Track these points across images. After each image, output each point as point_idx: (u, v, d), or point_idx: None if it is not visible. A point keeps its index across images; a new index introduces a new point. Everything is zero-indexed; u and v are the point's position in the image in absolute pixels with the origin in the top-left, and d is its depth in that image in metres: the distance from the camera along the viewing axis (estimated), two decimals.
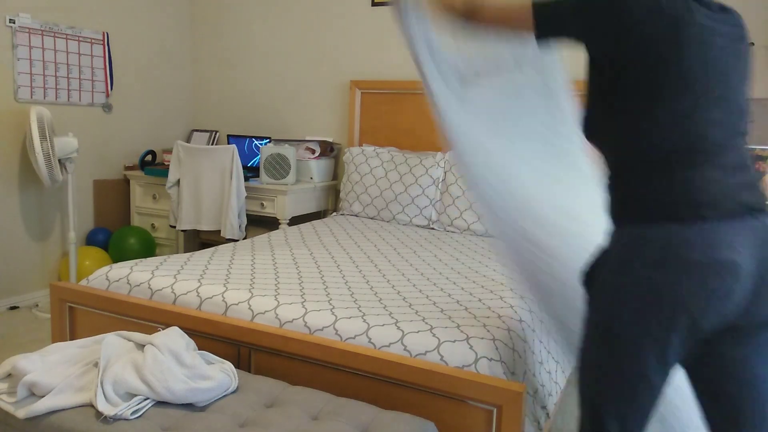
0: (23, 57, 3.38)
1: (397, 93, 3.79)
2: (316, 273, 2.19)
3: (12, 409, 1.39)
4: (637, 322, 1.12)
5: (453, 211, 3.24)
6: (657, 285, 1.09)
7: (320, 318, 1.73)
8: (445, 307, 1.85)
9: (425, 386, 1.49)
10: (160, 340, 1.49)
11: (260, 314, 1.79)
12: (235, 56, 4.42)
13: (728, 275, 1.08)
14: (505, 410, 1.41)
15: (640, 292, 1.11)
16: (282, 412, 1.40)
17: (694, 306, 1.08)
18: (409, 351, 1.58)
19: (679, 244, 1.08)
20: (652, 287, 1.09)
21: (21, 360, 1.46)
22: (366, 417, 1.39)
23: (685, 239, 1.08)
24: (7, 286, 3.44)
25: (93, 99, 3.82)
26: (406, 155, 3.52)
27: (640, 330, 1.12)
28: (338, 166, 4.09)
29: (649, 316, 1.10)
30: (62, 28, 3.58)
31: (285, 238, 2.82)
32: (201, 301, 1.89)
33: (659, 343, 1.11)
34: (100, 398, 1.36)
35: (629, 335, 1.13)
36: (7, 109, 3.34)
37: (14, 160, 3.41)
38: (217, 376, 1.46)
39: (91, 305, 1.97)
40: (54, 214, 3.66)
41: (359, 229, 3.14)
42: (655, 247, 1.10)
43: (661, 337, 1.11)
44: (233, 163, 3.44)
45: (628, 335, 1.13)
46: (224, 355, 1.77)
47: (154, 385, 1.39)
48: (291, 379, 1.68)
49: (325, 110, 4.13)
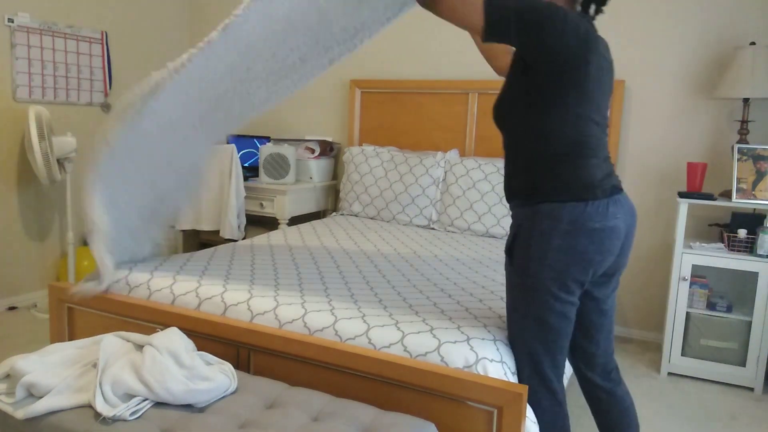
0: (22, 56, 3.37)
1: (397, 93, 3.79)
2: (315, 273, 2.18)
3: (11, 410, 1.38)
4: (557, 278, 1.48)
5: (453, 211, 3.23)
6: (571, 248, 1.46)
7: (320, 319, 1.72)
8: (446, 308, 1.84)
9: (425, 387, 1.49)
10: (159, 340, 1.49)
11: (260, 315, 1.78)
12: None
13: (615, 237, 1.49)
14: (505, 411, 1.40)
15: (558, 255, 1.46)
16: (281, 413, 1.39)
17: (596, 261, 1.48)
18: (410, 352, 1.58)
19: (583, 218, 1.46)
20: (568, 250, 1.46)
21: (19, 360, 1.45)
22: (366, 418, 1.39)
23: (587, 213, 1.46)
24: (6, 287, 3.44)
25: (91, 98, 3.81)
26: (406, 155, 3.51)
27: (560, 283, 1.48)
28: (338, 166, 4.08)
29: (566, 271, 1.47)
30: (61, 28, 3.57)
31: (284, 238, 2.81)
32: (200, 301, 1.88)
33: (574, 290, 1.50)
34: (98, 399, 1.35)
35: (552, 289, 1.48)
36: (6, 108, 3.34)
37: (12, 160, 3.40)
38: (217, 377, 1.46)
39: (89, 306, 1.96)
40: (52, 214, 3.65)
41: (359, 229, 3.14)
42: (567, 221, 1.46)
43: (574, 286, 1.50)
44: (232, 163, 3.43)
45: (551, 289, 1.48)
46: (223, 355, 1.76)
47: (152, 386, 1.38)
48: (291, 380, 1.68)
49: (325, 110, 4.12)
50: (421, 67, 3.80)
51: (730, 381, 2.79)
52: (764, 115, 3.02)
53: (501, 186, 3.14)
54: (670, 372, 2.91)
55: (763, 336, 2.70)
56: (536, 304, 1.51)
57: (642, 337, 3.37)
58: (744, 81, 2.78)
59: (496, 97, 1.61)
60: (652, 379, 2.85)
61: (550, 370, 1.56)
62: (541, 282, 1.49)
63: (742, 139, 2.90)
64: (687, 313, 2.85)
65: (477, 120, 3.58)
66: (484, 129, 3.57)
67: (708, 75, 3.11)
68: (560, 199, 1.47)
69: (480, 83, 3.54)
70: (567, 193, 1.47)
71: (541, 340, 1.54)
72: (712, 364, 2.81)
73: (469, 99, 3.58)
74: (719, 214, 3.17)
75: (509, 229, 1.60)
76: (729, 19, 3.04)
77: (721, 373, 2.81)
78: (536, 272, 1.49)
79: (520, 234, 1.52)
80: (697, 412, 2.53)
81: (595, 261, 1.48)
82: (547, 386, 1.56)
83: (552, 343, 1.54)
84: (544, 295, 1.49)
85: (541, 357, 1.55)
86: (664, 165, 3.23)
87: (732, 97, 2.89)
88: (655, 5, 3.18)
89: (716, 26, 3.07)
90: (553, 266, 1.47)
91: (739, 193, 2.75)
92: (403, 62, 3.84)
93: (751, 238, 2.76)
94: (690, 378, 2.88)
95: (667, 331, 2.87)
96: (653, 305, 3.34)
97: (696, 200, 2.79)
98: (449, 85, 3.62)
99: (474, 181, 3.22)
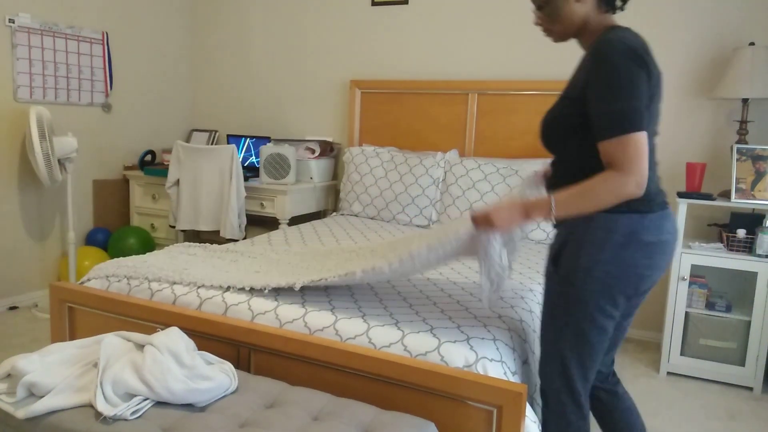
0: (23, 57, 3.38)
1: (397, 93, 3.79)
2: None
3: (11, 410, 1.38)
4: (603, 291, 1.44)
5: (453, 211, 3.24)
6: (622, 261, 1.42)
7: (320, 318, 1.73)
8: (446, 308, 1.85)
9: (425, 387, 1.49)
10: (160, 340, 1.49)
11: (260, 314, 1.79)
12: (235, 56, 4.41)
13: (666, 252, 1.47)
14: (505, 410, 1.41)
15: (608, 268, 1.42)
16: (282, 412, 1.39)
17: (645, 276, 1.45)
18: (410, 351, 1.58)
19: (639, 230, 1.42)
20: (619, 263, 1.42)
21: (20, 360, 1.46)
22: (366, 417, 1.39)
23: (642, 226, 1.43)
24: (7, 286, 3.44)
25: (92, 99, 3.81)
26: (406, 155, 3.51)
27: (606, 297, 1.44)
28: (338, 166, 4.08)
29: (614, 285, 1.43)
30: (62, 28, 3.58)
31: (285, 238, 2.81)
32: (201, 301, 1.88)
33: (619, 304, 1.46)
34: (99, 398, 1.35)
35: (597, 302, 1.45)
36: (7, 109, 3.34)
37: (14, 161, 3.40)
38: (217, 377, 1.46)
39: (90, 305, 1.97)
40: (53, 214, 3.66)
41: (359, 229, 3.14)
42: (622, 232, 1.42)
43: (621, 300, 1.46)
44: (233, 163, 3.44)
45: (597, 302, 1.45)
46: (224, 355, 1.76)
47: (153, 386, 1.39)
48: (291, 379, 1.68)
49: (325, 110, 4.13)
50: (421, 67, 3.80)
51: (730, 380, 2.80)
52: (763, 116, 3.03)
53: (500, 186, 3.15)
54: (670, 372, 2.91)
55: (762, 336, 2.70)
56: (577, 315, 1.47)
57: (641, 337, 3.38)
58: (743, 81, 2.78)
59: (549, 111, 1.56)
60: (652, 378, 2.86)
61: (580, 384, 1.53)
62: (586, 294, 1.45)
63: (741, 140, 2.91)
64: (686, 312, 2.85)
65: (477, 120, 3.58)
66: (484, 129, 3.57)
67: (707, 75, 3.12)
68: (617, 209, 1.42)
69: (480, 83, 3.54)
70: (624, 204, 1.41)
71: (577, 353, 1.50)
72: (712, 364, 2.82)
73: (468, 99, 3.58)
74: (718, 214, 3.17)
75: (555, 237, 1.56)
76: (728, 19, 3.04)
77: (720, 373, 2.81)
78: (583, 283, 1.45)
79: (570, 242, 1.48)
80: (696, 411, 2.54)
81: (645, 276, 1.44)
82: (575, 400, 1.53)
83: (587, 356, 1.50)
84: (587, 308, 1.46)
85: (573, 370, 1.51)
86: (663, 165, 3.24)
87: (731, 98, 2.90)
88: (654, 6, 3.18)
89: (715, 27, 3.07)
90: (601, 279, 1.43)
91: (738, 193, 2.76)
92: (403, 62, 3.85)
93: (750, 238, 2.77)
94: (689, 378, 2.89)
95: (666, 331, 2.87)
96: (652, 305, 3.34)
97: (695, 200, 2.79)
98: (449, 85, 3.63)
99: (474, 181, 3.22)
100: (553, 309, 1.53)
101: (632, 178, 1.35)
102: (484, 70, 3.63)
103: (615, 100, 1.36)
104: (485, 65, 3.62)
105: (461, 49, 3.68)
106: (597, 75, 1.39)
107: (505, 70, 3.58)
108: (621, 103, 1.35)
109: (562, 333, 1.51)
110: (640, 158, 1.35)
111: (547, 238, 3.01)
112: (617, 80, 1.35)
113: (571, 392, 1.53)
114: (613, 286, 1.43)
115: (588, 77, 1.42)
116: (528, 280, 2.25)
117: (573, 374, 1.52)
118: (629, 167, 1.35)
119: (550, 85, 3.37)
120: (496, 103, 3.52)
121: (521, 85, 3.44)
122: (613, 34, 1.41)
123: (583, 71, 1.45)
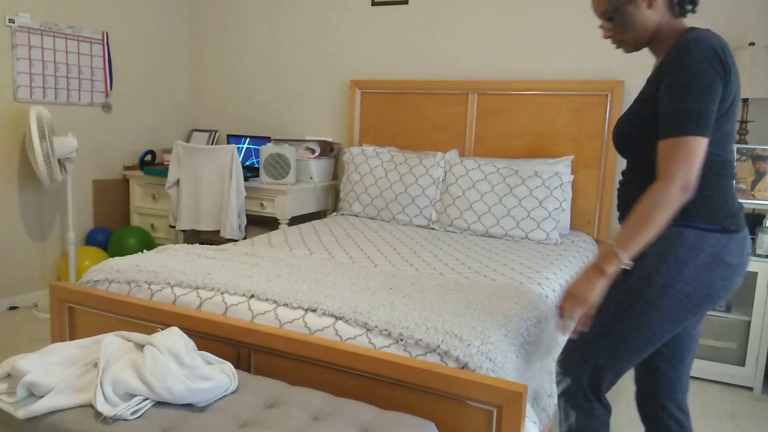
0: (23, 57, 3.38)
1: (397, 93, 3.79)
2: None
3: (11, 410, 1.38)
4: (672, 310, 1.39)
5: (453, 211, 3.24)
6: (701, 282, 1.37)
7: (320, 318, 1.73)
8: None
9: (425, 386, 1.49)
10: (160, 340, 1.49)
11: (260, 314, 1.79)
12: (235, 56, 4.41)
13: (742, 274, 1.43)
14: (505, 410, 1.41)
15: (685, 287, 1.37)
16: (282, 412, 1.39)
17: (718, 298, 1.40)
18: (409, 351, 1.58)
19: (725, 251, 1.38)
20: (697, 284, 1.37)
21: (20, 360, 1.46)
22: (366, 417, 1.39)
23: (729, 247, 1.38)
24: (7, 286, 3.44)
25: (92, 99, 3.82)
26: (406, 155, 3.51)
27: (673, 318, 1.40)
28: (338, 166, 4.08)
29: (688, 305, 1.39)
30: (62, 28, 3.58)
31: (285, 238, 2.81)
32: (201, 301, 1.88)
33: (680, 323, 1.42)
34: (99, 398, 1.35)
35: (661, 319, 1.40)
36: (7, 109, 3.34)
37: (14, 160, 3.41)
38: (217, 377, 1.46)
39: (90, 305, 1.97)
40: (53, 214, 3.66)
41: (359, 229, 3.14)
42: (709, 252, 1.37)
43: (685, 320, 1.41)
44: (233, 163, 3.44)
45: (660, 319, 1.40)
46: (224, 355, 1.76)
47: (153, 386, 1.39)
48: (291, 379, 1.68)
49: (325, 110, 4.13)
50: (420, 67, 3.80)
51: (730, 381, 2.80)
52: (763, 116, 3.03)
53: (500, 186, 3.15)
54: None
55: (762, 336, 2.70)
56: (633, 326, 1.43)
57: None
58: (743, 81, 2.78)
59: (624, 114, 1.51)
60: None
61: (606, 385, 1.52)
62: (654, 309, 1.40)
63: (741, 140, 2.91)
64: None
65: (477, 120, 3.58)
66: (484, 129, 3.57)
67: None
68: (706, 226, 1.37)
69: (480, 83, 3.54)
70: (715, 220, 1.37)
71: (615, 359, 1.47)
72: (712, 364, 2.82)
73: (468, 99, 3.58)
74: None
75: None
76: (728, 19, 3.04)
77: (720, 373, 2.81)
78: (655, 299, 1.39)
79: (650, 255, 1.40)
80: (696, 411, 2.54)
81: (718, 298, 1.40)
82: (600, 398, 1.53)
83: (624, 364, 1.47)
84: (648, 323, 1.41)
85: (606, 371, 1.49)
86: None
87: None
88: None
89: (715, 27, 3.07)
90: (676, 298, 1.38)
91: (738, 193, 2.76)
92: (403, 62, 3.85)
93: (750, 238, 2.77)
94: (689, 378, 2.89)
95: None
96: None
97: None
98: (449, 85, 3.63)
99: (473, 181, 3.22)
100: (607, 311, 1.47)
101: (675, 184, 1.28)
102: (484, 70, 3.63)
103: (681, 99, 1.30)
104: (485, 65, 3.62)
105: (461, 49, 3.68)
106: (672, 71, 1.34)
107: (505, 70, 3.58)
108: (685, 104, 1.29)
109: (608, 336, 1.47)
110: (688, 163, 1.28)
111: (547, 238, 3.01)
112: (689, 80, 1.30)
113: (597, 391, 1.52)
114: (686, 307, 1.38)
115: (664, 74, 1.37)
116: (528, 280, 2.25)
117: (604, 375, 1.49)
118: (671, 171, 1.29)
119: (550, 85, 3.37)
120: (496, 103, 3.52)
121: (521, 85, 3.44)
122: (696, 34, 1.35)
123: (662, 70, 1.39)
